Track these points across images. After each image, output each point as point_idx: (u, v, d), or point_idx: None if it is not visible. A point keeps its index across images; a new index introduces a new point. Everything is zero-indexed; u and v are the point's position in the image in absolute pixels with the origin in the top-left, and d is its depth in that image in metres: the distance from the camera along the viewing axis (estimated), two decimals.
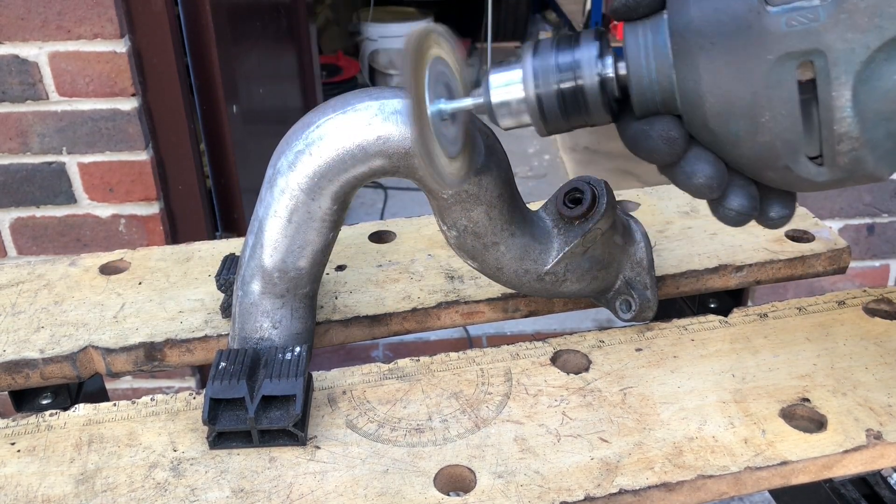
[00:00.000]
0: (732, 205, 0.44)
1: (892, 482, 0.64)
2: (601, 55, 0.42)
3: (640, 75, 0.41)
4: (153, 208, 1.42)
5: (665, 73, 0.41)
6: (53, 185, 1.39)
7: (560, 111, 0.43)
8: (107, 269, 0.71)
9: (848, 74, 0.37)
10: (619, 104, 0.43)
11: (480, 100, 0.44)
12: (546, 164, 2.96)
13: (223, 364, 0.52)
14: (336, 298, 0.66)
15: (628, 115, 0.44)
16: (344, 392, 0.56)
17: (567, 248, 0.56)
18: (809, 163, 0.40)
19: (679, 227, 0.74)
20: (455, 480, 0.50)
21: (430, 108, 0.42)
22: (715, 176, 0.42)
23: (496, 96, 0.43)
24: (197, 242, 0.75)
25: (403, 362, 0.59)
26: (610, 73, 0.42)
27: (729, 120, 0.40)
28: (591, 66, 0.42)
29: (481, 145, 0.49)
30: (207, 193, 1.60)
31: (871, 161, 0.39)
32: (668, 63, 0.41)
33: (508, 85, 0.43)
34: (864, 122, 0.38)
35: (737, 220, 0.44)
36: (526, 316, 0.67)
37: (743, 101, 0.39)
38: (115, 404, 0.55)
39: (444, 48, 0.45)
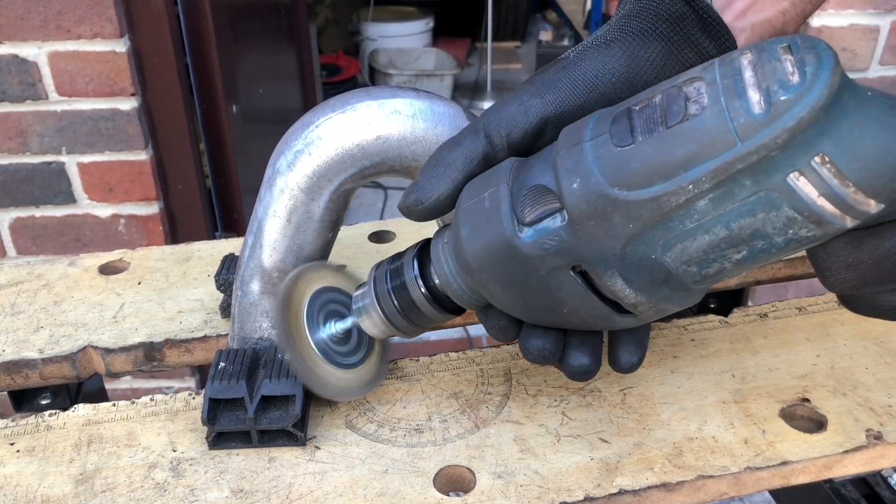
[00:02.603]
0: (572, 365, 0.47)
1: (892, 482, 0.64)
2: (422, 272, 0.47)
3: (454, 291, 0.46)
4: (153, 208, 1.42)
5: (473, 289, 0.45)
6: (53, 185, 1.39)
7: (408, 322, 0.48)
8: (106, 269, 0.71)
9: (611, 269, 0.39)
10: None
11: (351, 319, 0.50)
12: None
13: (222, 364, 0.52)
14: None
15: None
16: None
17: None
18: (625, 316, 0.42)
19: None
20: (455, 481, 0.50)
21: (315, 338, 0.50)
22: (546, 347, 0.46)
23: (358, 317, 0.50)
24: (196, 242, 0.75)
25: (403, 362, 0.59)
26: (434, 284, 0.47)
27: (538, 317, 0.44)
28: (413, 286, 0.47)
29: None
30: (207, 193, 1.60)
31: (673, 306, 0.42)
32: (471, 284, 0.45)
33: (364, 307, 0.49)
34: (647, 291, 0.40)
35: (582, 377, 0.47)
36: None
37: (539, 304, 0.43)
38: (114, 404, 0.55)
39: (327, 277, 0.52)
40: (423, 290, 0.47)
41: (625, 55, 0.44)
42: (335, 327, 0.50)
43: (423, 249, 0.48)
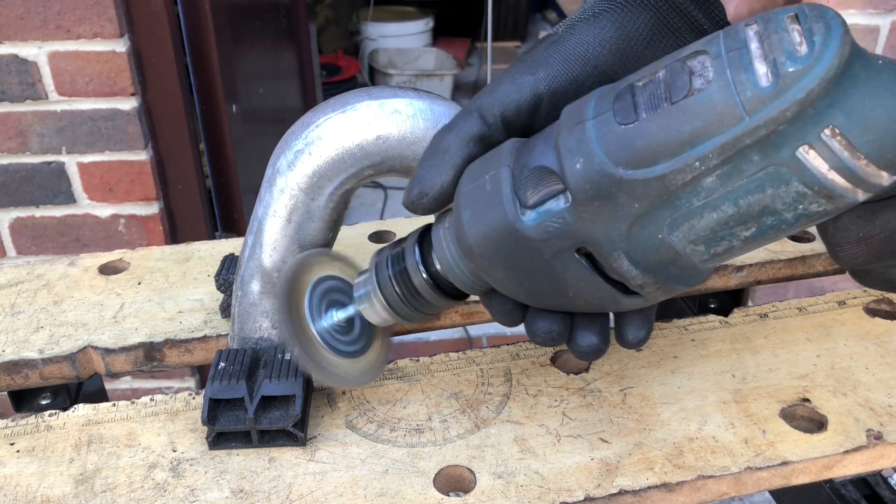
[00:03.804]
0: (580, 345, 0.45)
1: (892, 482, 0.64)
2: (424, 259, 0.46)
3: (456, 277, 0.45)
4: (153, 208, 1.42)
5: (476, 274, 0.44)
6: (53, 185, 1.39)
7: (410, 309, 0.47)
8: (106, 269, 0.71)
9: (617, 250, 0.39)
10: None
11: (352, 307, 0.49)
12: None
13: (222, 364, 0.52)
14: None
15: None
16: (343, 392, 0.56)
17: None
18: (632, 298, 0.42)
19: None
20: (455, 481, 0.49)
21: (315, 328, 0.48)
22: (553, 329, 0.45)
23: (360, 305, 0.49)
24: (196, 242, 0.75)
25: (403, 362, 0.59)
26: (436, 270, 0.46)
27: (543, 301, 0.44)
28: (416, 271, 0.46)
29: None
30: (207, 193, 1.60)
31: (680, 286, 0.41)
32: (473, 269, 0.44)
33: (366, 294, 0.48)
34: (654, 272, 0.39)
35: (592, 356, 0.46)
36: None
37: (544, 289, 0.42)
38: (114, 404, 0.55)
39: (327, 265, 0.51)
40: (424, 275, 0.46)
41: (614, 26, 0.43)
42: (337, 316, 0.50)
43: (423, 235, 0.47)
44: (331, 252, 0.53)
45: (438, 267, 0.46)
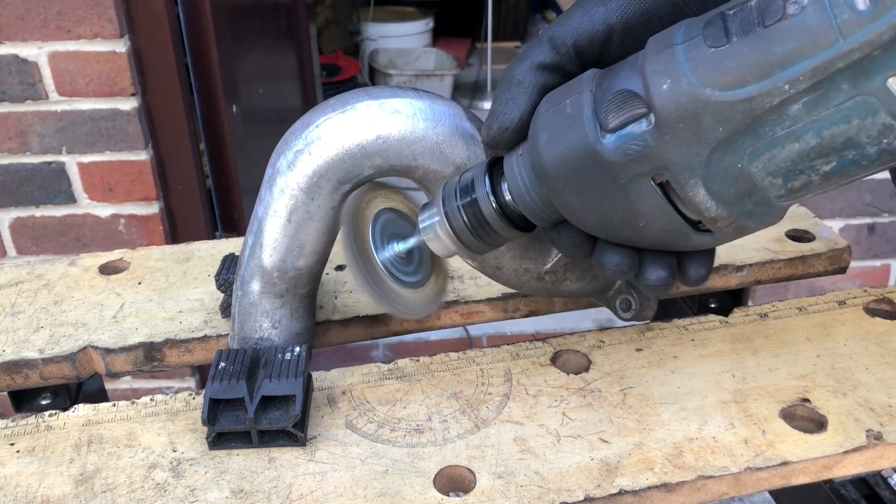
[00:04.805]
0: (650, 278, 0.46)
1: (892, 483, 0.64)
2: (493, 188, 0.46)
3: (526, 205, 0.45)
4: (153, 208, 1.42)
5: (547, 202, 0.44)
6: (53, 185, 1.39)
7: (477, 239, 0.47)
8: (106, 269, 0.71)
9: (694, 178, 0.39)
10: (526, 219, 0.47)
11: (415, 239, 0.50)
12: None
13: (223, 364, 0.52)
14: (336, 298, 0.66)
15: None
16: (343, 392, 0.56)
17: None
18: (702, 234, 0.42)
19: None
20: (455, 481, 0.49)
21: (380, 258, 0.50)
22: (623, 262, 0.45)
23: (425, 235, 0.49)
24: (196, 242, 0.75)
25: (403, 362, 0.59)
26: (506, 200, 0.46)
27: (613, 231, 0.44)
28: (485, 201, 0.46)
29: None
30: (207, 193, 1.60)
31: (753, 224, 0.41)
32: (545, 196, 0.44)
33: (431, 225, 0.48)
34: (729, 205, 0.40)
35: (658, 290, 0.46)
36: (526, 316, 0.67)
37: (616, 216, 0.42)
38: (114, 404, 0.55)
39: (386, 197, 0.52)
40: (494, 205, 0.46)
41: None
42: (398, 247, 0.50)
43: (493, 165, 0.47)
44: (389, 184, 0.53)
45: (508, 197, 0.46)
